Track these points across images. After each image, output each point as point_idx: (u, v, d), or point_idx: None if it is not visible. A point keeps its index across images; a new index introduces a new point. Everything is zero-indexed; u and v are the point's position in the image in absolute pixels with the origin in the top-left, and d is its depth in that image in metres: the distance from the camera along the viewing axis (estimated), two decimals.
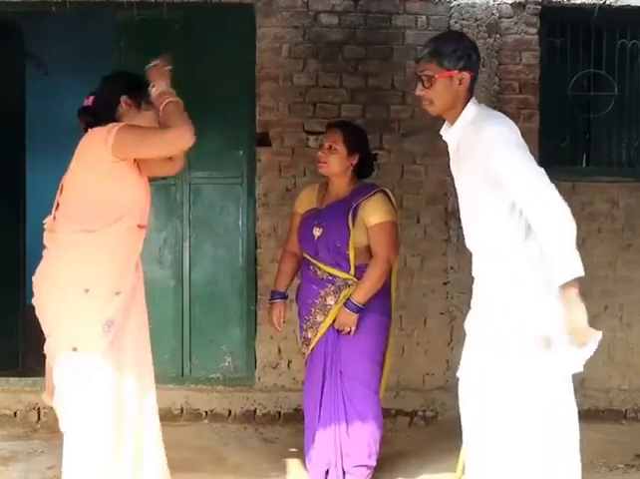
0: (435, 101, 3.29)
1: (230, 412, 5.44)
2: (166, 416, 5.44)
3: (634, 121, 5.79)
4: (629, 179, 5.70)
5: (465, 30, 5.46)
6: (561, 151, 5.70)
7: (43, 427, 5.26)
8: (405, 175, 5.47)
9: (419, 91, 3.28)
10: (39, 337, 6.02)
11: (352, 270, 4.08)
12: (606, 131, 5.80)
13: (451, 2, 5.50)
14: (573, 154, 5.77)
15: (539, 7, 5.55)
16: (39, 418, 5.38)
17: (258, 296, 5.53)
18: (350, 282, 4.08)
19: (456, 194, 3.36)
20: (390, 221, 4.15)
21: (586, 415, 5.48)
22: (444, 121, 3.33)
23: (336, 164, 4.16)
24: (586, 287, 5.64)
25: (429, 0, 5.51)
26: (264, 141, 5.50)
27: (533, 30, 5.55)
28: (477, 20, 5.49)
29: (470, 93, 3.27)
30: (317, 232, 4.15)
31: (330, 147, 4.17)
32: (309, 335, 4.17)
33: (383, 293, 4.16)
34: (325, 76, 5.53)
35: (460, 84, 3.25)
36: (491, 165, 3.10)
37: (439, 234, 5.56)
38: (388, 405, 5.41)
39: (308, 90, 5.54)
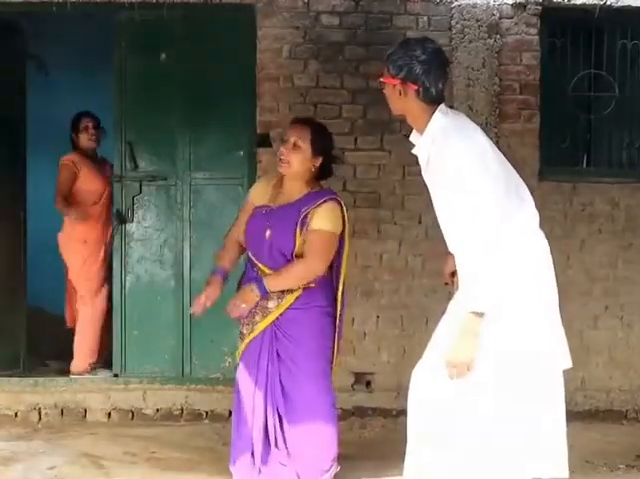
0: (389, 103, 3.31)
1: (231, 413, 5.40)
2: (167, 416, 5.47)
3: (635, 121, 5.79)
4: (630, 179, 5.69)
5: (465, 30, 5.47)
6: (562, 151, 5.70)
7: (44, 428, 5.26)
8: (406, 175, 5.46)
9: (384, 91, 3.31)
10: (39, 338, 6.08)
11: None
12: (607, 131, 5.80)
13: (451, 3, 5.50)
14: (574, 154, 5.76)
15: (540, 7, 5.54)
16: (40, 419, 5.39)
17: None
18: (294, 289, 3.98)
19: None
20: (330, 231, 3.94)
21: (587, 416, 5.52)
22: None
23: (298, 163, 3.96)
24: (587, 288, 5.73)
25: (429, 1, 5.51)
26: (265, 141, 5.49)
27: (534, 30, 5.55)
28: (477, 20, 5.48)
29: (428, 103, 3.21)
30: (269, 232, 3.99)
31: (295, 143, 3.96)
32: (244, 331, 4.08)
33: (324, 286, 4.05)
34: (326, 76, 5.53)
35: (400, 94, 3.22)
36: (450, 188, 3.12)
37: (440, 234, 5.52)
38: (389, 406, 5.42)
39: (309, 90, 5.53)
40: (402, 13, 5.52)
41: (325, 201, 3.98)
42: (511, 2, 5.51)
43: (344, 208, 4.07)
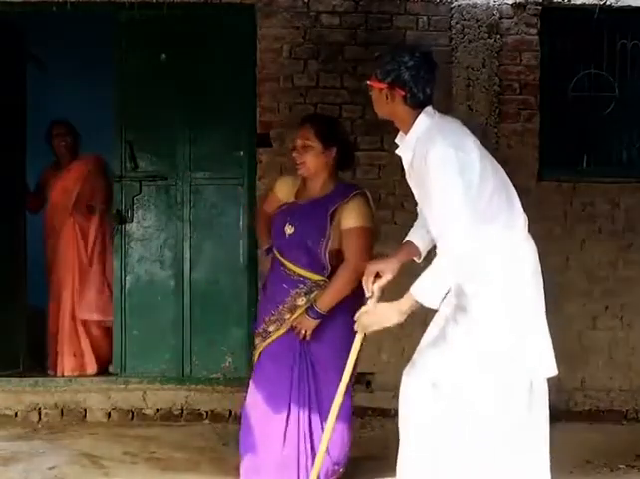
0: (375, 107, 3.32)
1: (231, 413, 5.42)
2: (167, 416, 5.47)
3: (635, 121, 5.79)
4: (630, 179, 5.69)
5: (465, 30, 5.47)
6: (562, 151, 5.70)
7: (44, 428, 5.26)
8: (405, 175, 5.45)
9: (371, 94, 3.32)
10: (40, 338, 6.08)
11: (327, 273, 3.96)
12: (607, 131, 5.80)
13: (451, 3, 5.50)
14: (574, 154, 5.76)
15: (540, 7, 5.54)
16: (40, 419, 5.38)
17: (259, 297, 5.52)
18: (322, 284, 3.96)
19: None
20: (365, 226, 3.97)
21: (587, 416, 5.52)
22: None
23: (313, 161, 3.97)
24: (587, 288, 5.72)
25: (429, 1, 5.51)
26: (265, 141, 5.50)
27: (534, 30, 5.55)
28: (477, 20, 5.48)
29: (415, 108, 3.23)
30: (289, 229, 3.98)
31: (303, 145, 3.98)
32: (270, 329, 4.03)
33: (356, 294, 4.01)
34: (326, 76, 5.53)
35: (387, 99, 3.22)
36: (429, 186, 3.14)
37: None
38: (388, 405, 5.41)
39: (309, 90, 5.53)
40: (402, 13, 5.52)
41: (353, 195, 3.99)
42: (511, 2, 5.51)
43: (371, 201, 4.08)
